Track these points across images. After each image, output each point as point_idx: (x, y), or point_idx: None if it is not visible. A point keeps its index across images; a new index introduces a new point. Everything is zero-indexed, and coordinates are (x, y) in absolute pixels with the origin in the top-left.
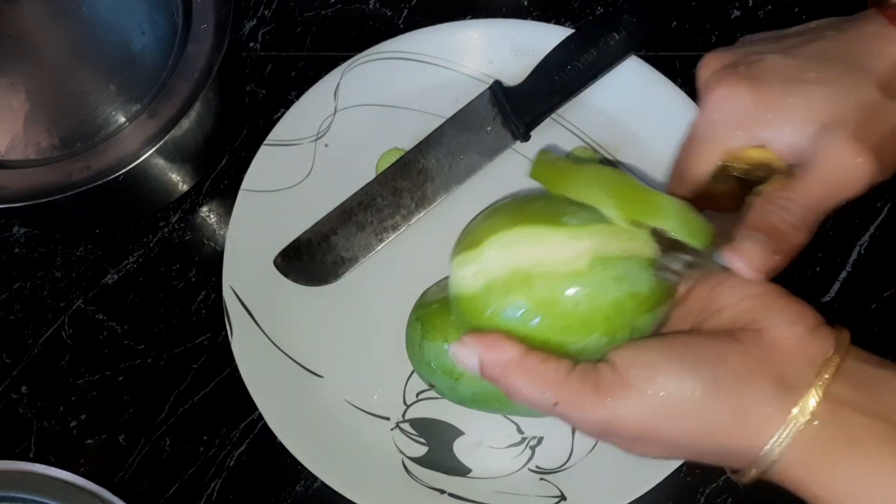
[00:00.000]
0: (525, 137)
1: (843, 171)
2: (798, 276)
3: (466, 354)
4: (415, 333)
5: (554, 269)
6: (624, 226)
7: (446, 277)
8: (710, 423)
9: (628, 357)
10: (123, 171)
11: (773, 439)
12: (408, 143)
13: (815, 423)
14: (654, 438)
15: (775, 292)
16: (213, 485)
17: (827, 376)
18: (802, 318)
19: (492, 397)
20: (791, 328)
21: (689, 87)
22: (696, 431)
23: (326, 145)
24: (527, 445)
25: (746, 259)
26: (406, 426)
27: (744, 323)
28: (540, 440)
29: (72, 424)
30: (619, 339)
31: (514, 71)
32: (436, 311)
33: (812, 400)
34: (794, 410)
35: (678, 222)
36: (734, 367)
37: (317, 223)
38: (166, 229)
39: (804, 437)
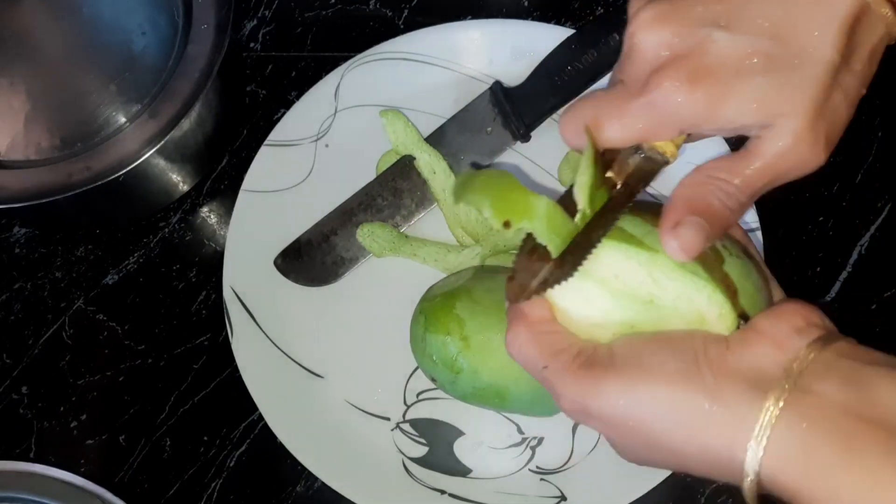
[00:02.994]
0: (525, 138)
1: (793, 160)
2: (798, 276)
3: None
4: (418, 327)
5: None
6: (498, 227)
7: (453, 274)
8: (687, 418)
9: (627, 344)
10: (124, 171)
11: (754, 434)
12: None
13: (804, 425)
14: (631, 427)
15: (791, 305)
16: (213, 485)
17: (795, 365)
18: (789, 318)
19: (492, 393)
20: (776, 326)
21: None
22: (674, 424)
23: (327, 145)
24: (527, 446)
25: (682, 243)
26: (406, 426)
27: None
28: (540, 440)
29: (72, 425)
30: None
31: (515, 71)
32: (439, 304)
33: (783, 388)
34: (767, 403)
35: (542, 223)
36: (716, 362)
37: (317, 223)
38: (167, 229)
39: (792, 439)
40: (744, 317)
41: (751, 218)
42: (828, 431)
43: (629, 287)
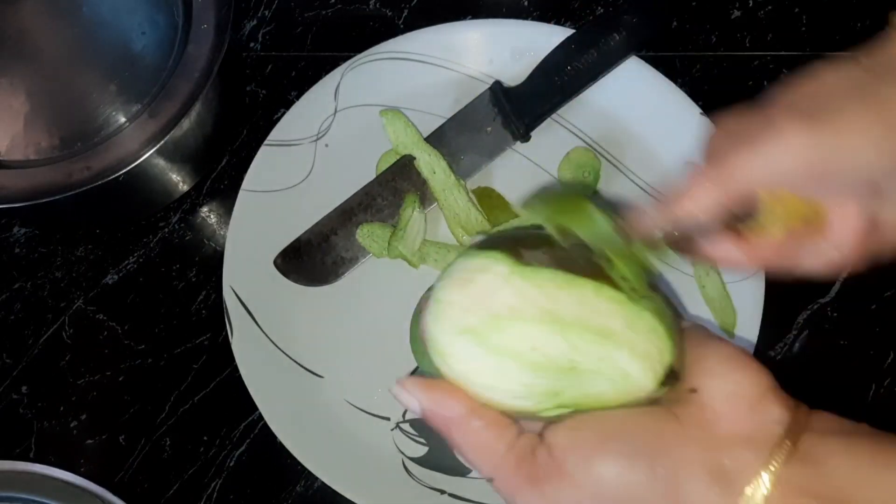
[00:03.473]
0: (525, 138)
1: None
2: (798, 277)
3: (407, 399)
4: (418, 327)
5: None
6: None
7: None
8: None
9: (566, 440)
10: (124, 171)
11: None
12: None
13: None
14: None
15: (724, 355)
16: (213, 485)
17: (774, 466)
18: (742, 388)
19: None
20: (734, 402)
21: (689, 88)
22: None
23: (327, 145)
24: None
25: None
26: (406, 426)
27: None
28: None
29: (72, 424)
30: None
31: (515, 71)
32: None
33: (760, 491)
34: (742, 500)
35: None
36: (672, 451)
37: (317, 223)
38: (166, 229)
39: None
40: (671, 371)
41: None
42: None
43: (548, 357)
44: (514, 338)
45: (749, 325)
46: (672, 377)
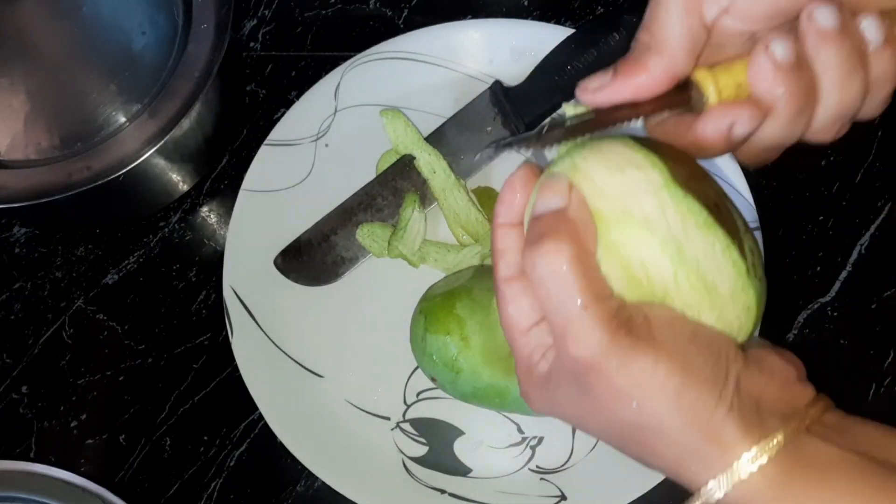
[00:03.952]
0: None
1: None
2: (798, 276)
3: (556, 184)
4: (418, 326)
5: None
6: None
7: (452, 274)
8: (694, 423)
9: (668, 324)
10: (124, 171)
11: (747, 455)
12: None
13: (777, 440)
14: (631, 408)
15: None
16: (213, 485)
17: (812, 411)
18: (777, 370)
19: (492, 393)
20: (786, 369)
21: None
22: (676, 424)
23: (327, 145)
24: (527, 445)
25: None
26: (406, 426)
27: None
28: (540, 440)
29: (72, 424)
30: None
31: (515, 71)
32: (439, 304)
33: (763, 455)
34: (776, 440)
35: None
36: (737, 381)
37: (317, 223)
38: (167, 229)
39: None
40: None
41: (750, 217)
42: (805, 455)
43: (649, 279)
44: (632, 244)
45: None
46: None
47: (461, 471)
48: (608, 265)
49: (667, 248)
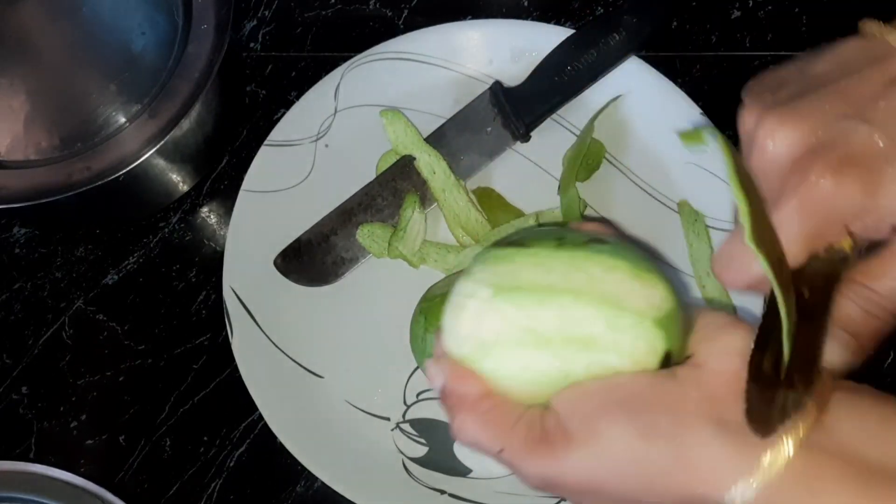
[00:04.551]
0: (525, 138)
1: None
2: None
3: (436, 373)
4: (418, 326)
5: None
6: None
7: (452, 274)
8: (654, 471)
9: (570, 405)
10: (124, 171)
11: (747, 481)
12: None
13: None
14: (601, 491)
15: (717, 323)
16: (213, 485)
17: (801, 424)
18: (733, 345)
19: None
20: (727, 359)
21: (689, 87)
22: (642, 481)
23: (327, 146)
24: None
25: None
26: (406, 426)
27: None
28: None
29: (72, 425)
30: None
31: (515, 71)
32: (439, 304)
33: (787, 448)
34: (765, 459)
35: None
36: (671, 408)
37: (317, 223)
38: (166, 230)
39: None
40: (667, 356)
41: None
42: (799, 470)
43: (541, 372)
44: (505, 362)
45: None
46: (668, 362)
47: (461, 471)
48: (505, 383)
49: (528, 343)
